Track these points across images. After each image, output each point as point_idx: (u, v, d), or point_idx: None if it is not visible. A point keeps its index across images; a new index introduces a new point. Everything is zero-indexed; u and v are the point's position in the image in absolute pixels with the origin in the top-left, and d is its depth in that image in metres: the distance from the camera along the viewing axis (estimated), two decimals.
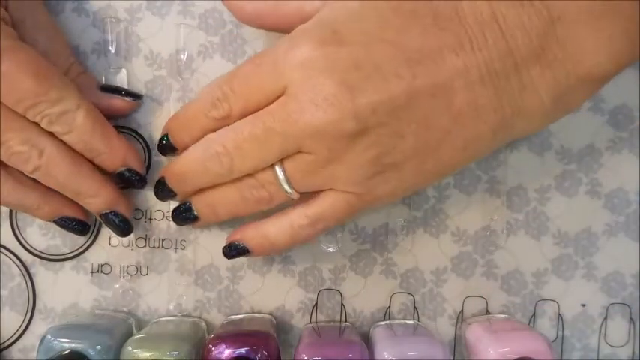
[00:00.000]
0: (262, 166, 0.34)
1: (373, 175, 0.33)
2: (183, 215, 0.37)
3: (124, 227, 0.37)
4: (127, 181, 0.37)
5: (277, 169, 0.34)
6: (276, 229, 0.36)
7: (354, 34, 0.32)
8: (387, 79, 0.32)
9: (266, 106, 0.34)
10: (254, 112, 0.34)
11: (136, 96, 0.39)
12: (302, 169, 0.34)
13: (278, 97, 0.33)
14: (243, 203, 0.35)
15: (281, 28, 0.36)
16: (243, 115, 0.34)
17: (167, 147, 0.38)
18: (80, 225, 0.38)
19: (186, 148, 0.36)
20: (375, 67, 0.32)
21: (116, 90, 0.38)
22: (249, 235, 0.37)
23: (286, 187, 0.34)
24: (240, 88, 0.34)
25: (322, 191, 0.35)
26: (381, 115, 0.32)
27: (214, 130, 0.35)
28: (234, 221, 0.39)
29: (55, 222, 0.37)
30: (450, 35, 0.32)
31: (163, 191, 0.37)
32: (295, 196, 0.35)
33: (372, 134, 0.32)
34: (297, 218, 0.35)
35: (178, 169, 0.36)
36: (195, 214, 0.37)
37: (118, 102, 0.38)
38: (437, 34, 0.32)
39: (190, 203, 0.37)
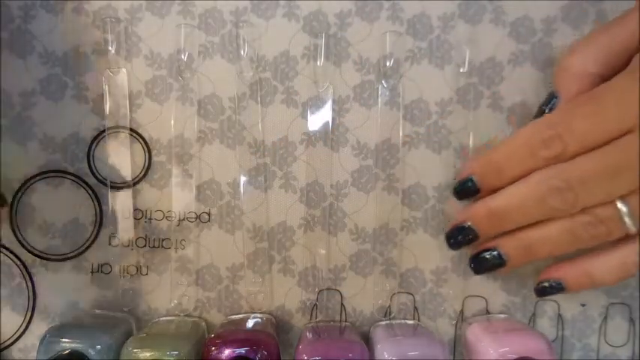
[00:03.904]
0: (605, 201, 0.33)
1: None
2: (491, 262, 0.36)
3: None
4: None
5: (620, 203, 0.33)
6: (603, 266, 0.35)
7: None
8: None
9: (605, 143, 0.32)
10: (590, 150, 0.33)
11: None
12: None
13: (621, 134, 0.32)
14: (573, 241, 0.34)
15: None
16: (577, 154, 0.33)
17: (472, 189, 0.36)
18: None
19: (493, 191, 0.35)
20: None
21: None
22: (571, 274, 0.36)
23: (628, 221, 0.33)
24: (580, 127, 0.33)
25: None
26: None
27: (534, 170, 0.34)
28: (234, 220, 0.39)
29: None
30: None
31: (464, 236, 0.36)
32: (635, 230, 0.33)
33: None
34: (632, 255, 0.34)
35: (499, 207, 0.35)
36: (505, 258, 0.36)
37: None
38: None
39: (497, 248, 0.36)
